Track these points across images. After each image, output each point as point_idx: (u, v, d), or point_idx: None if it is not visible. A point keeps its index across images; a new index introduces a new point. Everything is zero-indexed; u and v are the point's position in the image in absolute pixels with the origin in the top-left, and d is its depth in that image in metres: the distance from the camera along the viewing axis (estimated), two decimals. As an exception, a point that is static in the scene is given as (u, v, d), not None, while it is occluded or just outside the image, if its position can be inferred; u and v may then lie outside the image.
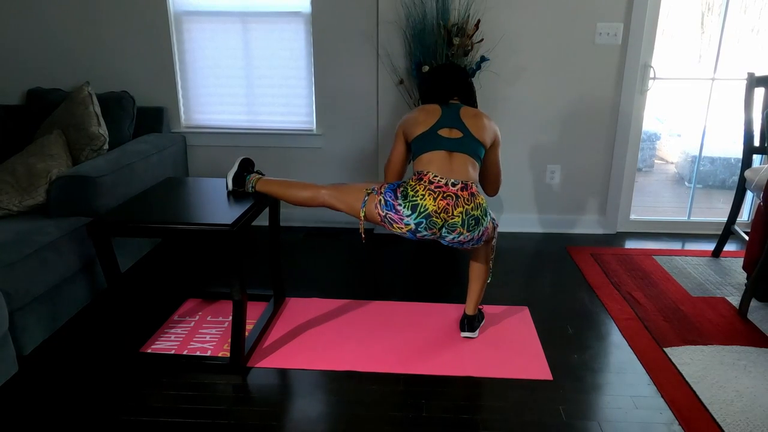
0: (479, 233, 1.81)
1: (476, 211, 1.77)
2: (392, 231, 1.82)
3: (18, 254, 1.84)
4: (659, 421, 1.63)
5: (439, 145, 1.83)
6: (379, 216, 1.81)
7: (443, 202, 1.74)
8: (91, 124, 2.48)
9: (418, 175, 1.80)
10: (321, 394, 1.75)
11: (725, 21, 2.87)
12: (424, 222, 1.75)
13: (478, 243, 1.86)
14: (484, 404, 1.70)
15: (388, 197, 1.79)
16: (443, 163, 1.80)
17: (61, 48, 2.94)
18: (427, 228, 1.76)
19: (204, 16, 2.89)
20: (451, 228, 1.77)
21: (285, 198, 1.95)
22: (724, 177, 4.15)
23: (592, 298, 2.36)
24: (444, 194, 1.75)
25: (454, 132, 1.86)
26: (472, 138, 1.86)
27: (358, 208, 1.84)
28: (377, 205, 1.80)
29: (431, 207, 1.74)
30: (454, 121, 1.87)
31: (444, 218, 1.75)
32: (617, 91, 2.88)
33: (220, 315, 2.22)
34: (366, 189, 1.85)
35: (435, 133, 1.85)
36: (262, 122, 3.06)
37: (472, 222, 1.77)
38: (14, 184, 2.23)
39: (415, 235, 1.80)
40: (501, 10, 2.78)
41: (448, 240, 1.81)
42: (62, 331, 2.09)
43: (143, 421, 1.63)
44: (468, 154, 1.84)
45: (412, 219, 1.75)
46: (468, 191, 1.78)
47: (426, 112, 1.92)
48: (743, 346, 1.99)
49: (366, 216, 1.84)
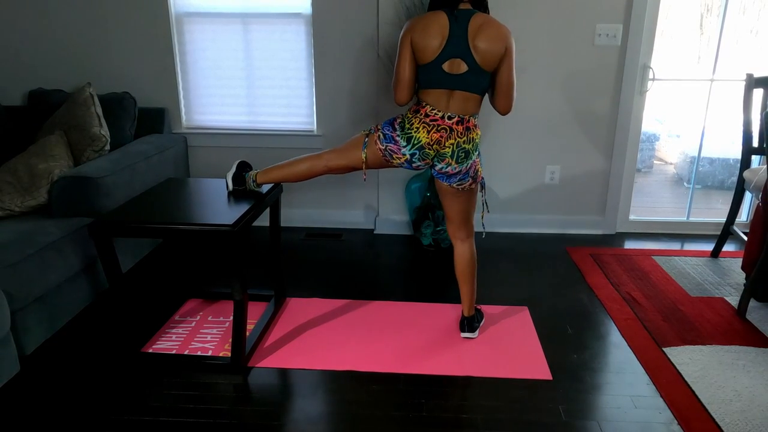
0: (467, 167, 1.85)
1: (467, 145, 1.83)
2: (393, 163, 1.89)
3: (20, 254, 1.85)
4: (658, 421, 1.64)
5: (442, 84, 1.80)
6: (380, 151, 1.87)
7: (436, 134, 1.81)
8: (92, 125, 2.48)
9: (416, 108, 1.85)
10: (321, 394, 1.76)
11: (724, 22, 2.87)
12: (417, 153, 1.84)
13: (465, 179, 1.88)
14: (484, 404, 1.71)
15: (387, 131, 1.86)
16: (442, 99, 1.82)
17: (62, 49, 2.95)
18: (420, 158, 1.85)
19: (205, 17, 2.90)
20: (441, 157, 1.84)
21: (288, 178, 1.97)
22: (723, 177, 4.16)
23: (592, 298, 2.37)
24: (438, 127, 1.81)
25: (458, 65, 1.77)
26: (478, 71, 1.78)
27: (359, 153, 1.90)
28: (377, 141, 1.87)
29: (424, 139, 1.81)
30: (460, 47, 1.76)
31: (436, 149, 1.83)
32: (617, 92, 2.89)
33: (220, 315, 2.23)
34: (363, 132, 1.92)
35: (439, 68, 1.79)
36: (262, 123, 3.07)
37: (462, 154, 1.83)
38: (16, 184, 2.24)
39: (411, 165, 1.88)
40: (501, 11, 2.79)
41: (437, 169, 1.88)
42: (64, 331, 2.10)
43: (144, 420, 1.63)
44: (470, 91, 1.80)
45: (407, 150, 1.84)
46: (463, 125, 1.82)
47: (435, 26, 1.77)
48: (742, 346, 2.00)
49: (368, 159, 1.90)
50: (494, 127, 2.98)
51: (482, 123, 2.96)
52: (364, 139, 1.90)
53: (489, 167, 3.05)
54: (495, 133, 2.99)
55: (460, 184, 1.90)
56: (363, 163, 1.90)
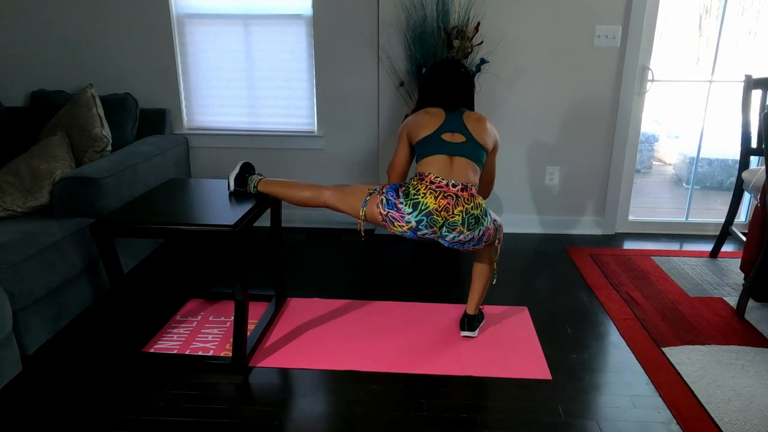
0: (479, 233, 1.83)
1: (476, 211, 1.80)
2: (393, 231, 1.84)
3: (22, 255, 1.86)
4: (657, 420, 1.65)
5: (442, 150, 1.86)
6: (380, 215, 1.83)
7: (444, 201, 1.77)
8: (94, 126, 2.49)
9: (419, 176, 1.83)
10: (322, 394, 1.76)
11: (723, 23, 2.89)
12: (425, 220, 1.78)
13: (479, 244, 1.88)
14: (484, 403, 1.72)
15: (390, 196, 1.82)
16: (444, 167, 1.83)
17: (64, 50, 2.96)
18: (428, 226, 1.79)
19: (206, 18, 2.91)
20: (452, 227, 1.79)
21: (286, 198, 1.97)
22: (721, 178, 4.17)
23: (591, 299, 2.38)
24: (444, 194, 1.78)
25: (456, 136, 1.89)
26: (475, 142, 1.89)
27: (359, 207, 1.86)
28: (379, 205, 1.83)
29: (432, 205, 1.77)
30: (457, 125, 1.90)
31: (444, 216, 1.78)
32: (616, 93, 2.90)
33: (222, 315, 2.24)
34: (368, 189, 1.88)
35: (438, 137, 1.88)
36: (263, 124, 3.08)
37: (472, 221, 1.79)
38: (18, 185, 2.25)
39: (416, 234, 1.82)
40: (501, 13, 2.80)
41: (448, 240, 1.83)
42: (65, 331, 2.11)
43: (145, 420, 1.64)
44: (469, 159, 1.86)
45: (413, 217, 1.78)
46: (468, 192, 1.81)
47: (430, 115, 1.93)
48: (741, 346, 2.01)
49: (366, 216, 1.86)
50: (494, 127, 2.99)
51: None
52: (366, 196, 1.86)
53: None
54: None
55: (475, 248, 1.91)
56: (360, 218, 1.88)
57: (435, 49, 2.64)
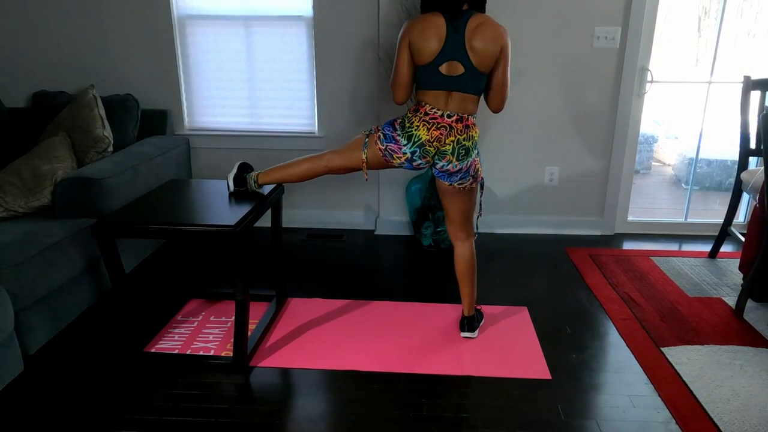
0: (467, 164, 1.87)
1: (467, 142, 1.85)
2: (393, 164, 1.91)
3: (24, 255, 1.86)
4: (656, 420, 1.65)
5: (440, 85, 1.83)
6: (380, 151, 1.89)
7: (436, 132, 1.83)
8: (95, 127, 2.50)
9: (415, 107, 1.88)
10: (323, 393, 1.77)
11: (722, 25, 2.89)
12: (418, 151, 1.85)
13: (466, 177, 1.90)
14: (484, 403, 1.73)
15: (387, 131, 1.88)
16: (441, 99, 1.85)
17: (66, 52, 2.97)
18: (421, 156, 1.87)
19: (207, 20, 2.92)
20: (442, 155, 1.85)
21: (289, 178, 1.99)
22: (720, 179, 4.18)
23: (591, 299, 2.39)
24: (438, 125, 1.83)
25: (455, 66, 1.79)
26: (474, 72, 1.80)
27: (360, 154, 1.91)
28: (377, 141, 1.89)
29: (424, 137, 1.83)
30: (457, 50, 1.78)
31: (436, 146, 1.85)
32: (615, 94, 2.91)
33: (223, 315, 2.24)
34: (364, 133, 1.94)
35: (436, 70, 1.81)
36: (264, 125, 3.09)
37: (462, 151, 1.85)
38: (20, 185, 2.26)
39: (411, 164, 1.90)
40: (500, 14, 2.81)
41: (438, 167, 1.89)
42: (67, 331, 2.12)
43: (147, 419, 1.65)
44: (467, 92, 1.83)
45: (408, 148, 1.86)
46: (463, 123, 1.85)
47: (432, 29, 1.78)
48: (739, 346, 2.01)
49: (369, 159, 1.91)
50: (494, 128, 3.00)
51: (482, 124, 2.98)
52: (364, 139, 1.92)
53: (489, 168, 3.07)
54: (495, 135, 3.01)
55: (461, 183, 1.92)
56: (363, 163, 1.92)
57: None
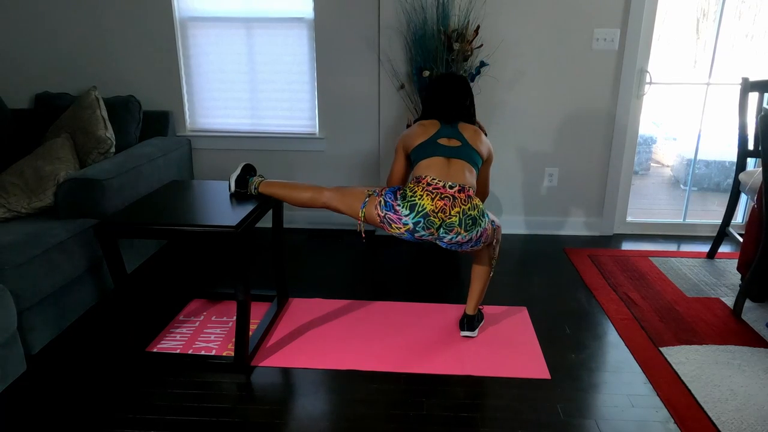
0: (477, 234, 1.84)
1: (473, 212, 1.81)
2: (391, 233, 1.86)
3: (26, 255, 1.87)
4: (655, 420, 1.66)
5: (438, 152, 1.90)
6: (378, 217, 1.85)
7: (440, 202, 1.79)
8: (98, 128, 2.52)
9: (416, 179, 1.86)
10: (323, 393, 1.78)
11: (720, 27, 2.91)
12: (422, 221, 1.79)
13: (477, 245, 1.89)
14: (484, 402, 1.73)
15: (388, 198, 1.84)
16: (441, 168, 1.86)
17: (68, 53, 2.98)
18: (425, 227, 1.80)
19: (209, 21, 2.94)
20: (449, 228, 1.80)
21: (287, 199, 1.99)
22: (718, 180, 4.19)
23: (590, 299, 2.40)
24: (441, 195, 1.80)
25: (453, 141, 1.95)
26: (470, 147, 1.95)
27: (358, 208, 1.88)
28: (377, 206, 1.85)
29: (429, 206, 1.79)
30: (452, 133, 1.97)
31: (441, 218, 1.79)
32: (614, 96, 2.93)
33: (224, 315, 2.25)
34: (367, 191, 1.90)
35: (434, 142, 1.94)
36: (265, 126, 3.10)
37: (469, 222, 1.81)
38: (23, 186, 2.27)
39: (413, 236, 1.84)
40: (500, 16, 2.83)
41: (446, 241, 1.84)
42: (69, 331, 2.13)
43: (149, 419, 1.66)
44: (466, 161, 1.91)
45: (410, 218, 1.80)
46: (465, 193, 1.83)
47: (425, 126, 2.01)
48: (737, 346, 2.02)
49: (365, 217, 1.88)
50: (494, 129, 3.01)
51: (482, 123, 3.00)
52: (365, 198, 1.88)
53: (488, 170, 3.09)
54: (495, 136, 3.02)
55: (473, 248, 1.92)
56: (360, 219, 1.90)
57: (435, 52, 2.66)
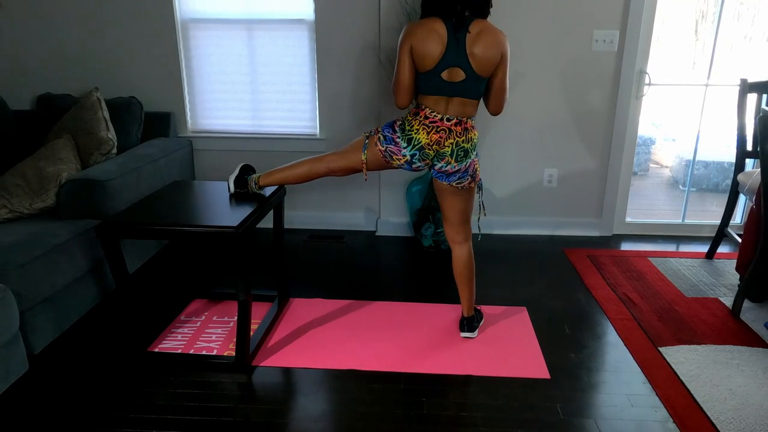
0: (465, 165, 1.89)
1: (466, 144, 1.88)
2: (393, 164, 1.93)
3: (29, 256, 1.88)
4: (654, 419, 1.67)
5: (440, 91, 1.84)
6: (380, 152, 1.91)
7: (436, 135, 1.86)
8: (99, 129, 2.53)
9: (416, 109, 1.90)
10: (324, 392, 1.79)
11: (719, 28, 2.92)
12: (417, 154, 1.88)
13: (463, 177, 1.91)
14: (484, 402, 1.74)
15: (387, 132, 1.91)
16: (441, 104, 1.87)
17: (70, 55, 2.99)
18: (420, 159, 1.90)
19: (210, 23, 2.95)
20: (441, 156, 1.88)
21: (290, 180, 2.02)
22: (717, 181, 4.20)
23: (589, 299, 2.41)
24: (437, 128, 1.85)
25: (456, 73, 1.80)
26: (475, 78, 1.81)
27: (360, 155, 1.94)
28: (377, 143, 1.91)
29: (424, 140, 1.86)
30: (458, 56, 1.79)
31: (436, 149, 1.87)
32: (613, 97, 2.94)
33: (225, 315, 2.26)
34: (364, 134, 1.97)
35: (437, 76, 1.82)
36: (266, 127, 3.11)
37: (461, 153, 1.87)
38: (25, 187, 2.28)
39: (411, 166, 1.93)
40: (500, 17, 2.83)
41: (436, 168, 1.92)
42: (71, 331, 2.13)
43: (150, 418, 1.66)
44: (467, 97, 1.85)
45: (408, 151, 1.88)
46: (462, 126, 1.87)
47: (434, 35, 1.78)
48: (736, 346, 2.03)
49: (368, 160, 1.94)
50: (493, 130, 3.02)
51: (481, 126, 3.01)
52: (364, 141, 1.95)
53: (488, 170, 3.10)
54: (494, 137, 3.03)
55: (459, 183, 1.93)
56: (363, 164, 1.94)
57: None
